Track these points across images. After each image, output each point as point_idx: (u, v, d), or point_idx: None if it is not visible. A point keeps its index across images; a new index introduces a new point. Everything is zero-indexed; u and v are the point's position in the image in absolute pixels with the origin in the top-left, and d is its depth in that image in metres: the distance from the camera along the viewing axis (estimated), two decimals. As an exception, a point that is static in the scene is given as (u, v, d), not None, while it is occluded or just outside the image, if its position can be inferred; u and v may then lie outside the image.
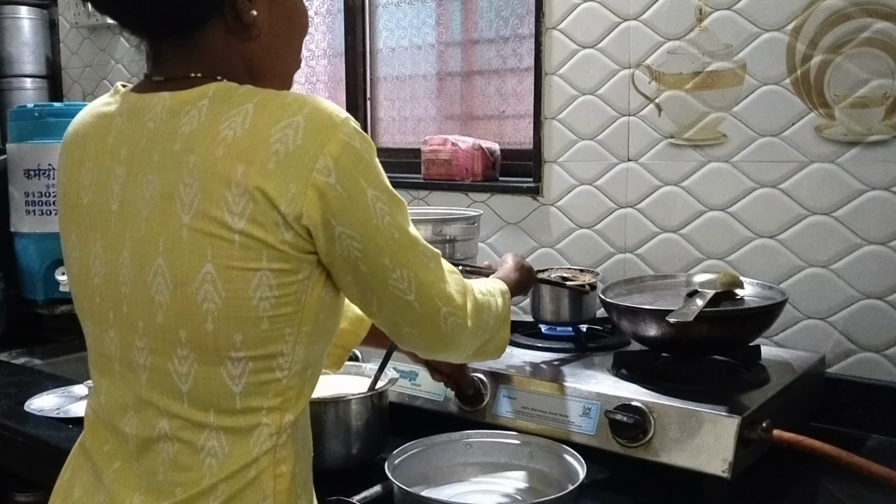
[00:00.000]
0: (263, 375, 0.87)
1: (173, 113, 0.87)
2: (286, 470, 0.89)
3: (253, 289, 0.84)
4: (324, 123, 0.84)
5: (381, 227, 0.87)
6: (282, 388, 0.88)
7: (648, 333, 1.30)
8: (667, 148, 1.66)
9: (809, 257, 1.52)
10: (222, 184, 0.82)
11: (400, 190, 1.55)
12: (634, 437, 1.17)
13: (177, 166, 0.85)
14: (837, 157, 1.48)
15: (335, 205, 0.84)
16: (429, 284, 0.92)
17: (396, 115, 2.29)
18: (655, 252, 1.69)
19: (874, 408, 1.44)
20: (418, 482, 1.17)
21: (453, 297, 0.95)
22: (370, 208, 0.86)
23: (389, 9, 2.26)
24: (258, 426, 0.87)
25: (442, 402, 1.36)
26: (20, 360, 2.03)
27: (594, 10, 1.72)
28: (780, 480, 1.27)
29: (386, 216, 0.87)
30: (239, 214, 0.82)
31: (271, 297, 0.85)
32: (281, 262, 0.84)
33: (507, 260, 1.31)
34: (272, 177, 0.82)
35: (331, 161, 0.83)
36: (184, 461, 0.87)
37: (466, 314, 0.97)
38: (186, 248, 0.84)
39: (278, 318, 0.86)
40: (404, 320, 0.93)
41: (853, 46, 1.44)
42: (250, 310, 0.84)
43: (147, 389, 0.89)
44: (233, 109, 0.85)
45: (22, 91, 2.96)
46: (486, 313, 1.03)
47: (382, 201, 0.87)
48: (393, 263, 0.89)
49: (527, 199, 1.85)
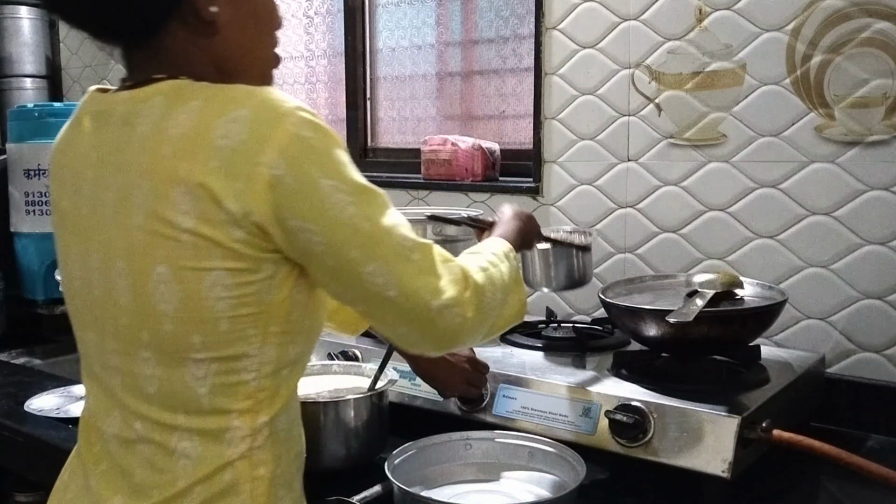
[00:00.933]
0: (230, 377, 0.85)
1: (131, 114, 0.87)
2: (265, 472, 0.88)
3: (207, 289, 0.82)
4: (269, 115, 0.81)
5: (341, 218, 0.82)
6: (252, 389, 0.86)
7: (648, 333, 1.30)
8: (667, 148, 1.66)
9: (809, 257, 1.52)
10: (169, 183, 0.81)
11: (400, 190, 1.55)
12: (634, 437, 1.17)
13: (131, 168, 0.85)
14: (837, 157, 1.47)
15: (285, 198, 0.80)
16: (411, 278, 0.85)
17: (396, 115, 2.29)
18: (655, 252, 1.69)
19: (874, 408, 1.44)
20: (418, 482, 1.17)
21: (446, 289, 0.88)
22: (326, 199, 0.81)
23: (389, 9, 2.26)
24: (229, 428, 0.86)
25: (442, 402, 1.36)
26: (20, 360, 2.03)
27: (594, 10, 1.72)
28: (780, 480, 1.27)
29: (348, 207, 0.82)
30: (187, 213, 0.81)
31: (228, 298, 0.83)
32: (235, 262, 0.82)
33: (505, 211, 1.22)
34: (216, 174, 0.80)
35: (276, 153, 0.80)
36: (159, 463, 0.87)
37: (466, 304, 0.90)
38: (140, 249, 0.84)
39: (239, 318, 0.84)
40: (395, 320, 0.88)
41: (853, 46, 1.44)
42: (206, 311, 0.83)
43: (122, 391, 0.89)
44: (182, 106, 0.83)
45: (22, 91, 2.96)
46: (491, 291, 0.95)
47: (343, 191, 0.82)
48: (364, 257, 0.84)
49: (527, 199, 1.85)
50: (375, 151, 2.30)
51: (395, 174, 2.13)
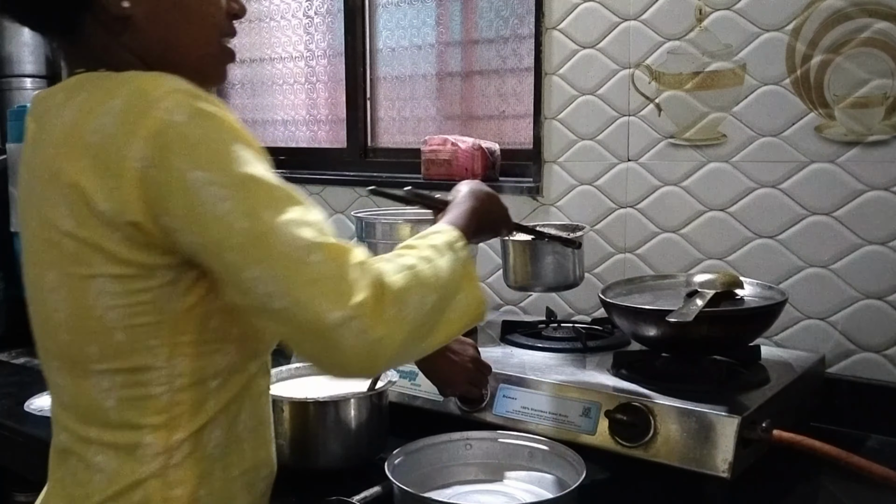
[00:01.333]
0: (136, 390, 0.79)
1: (43, 113, 0.84)
2: (182, 493, 0.82)
3: (94, 297, 0.76)
4: (139, 103, 0.73)
5: (213, 215, 0.72)
6: (164, 404, 0.80)
7: (648, 333, 1.30)
8: (667, 148, 1.66)
9: (809, 257, 1.52)
10: (51, 185, 0.77)
11: (400, 190, 1.50)
12: (634, 437, 1.17)
13: (33, 170, 0.82)
14: (837, 157, 1.47)
15: (154, 194, 0.72)
16: (303, 286, 0.72)
17: (396, 115, 2.29)
18: (655, 252, 1.69)
19: (874, 408, 1.44)
20: (418, 482, 1.17)
21: (347, 299, 0.72)
22: (195, 194, 0.71)
23: (389, 9, 2.26)
24: (140, 445, 0.80)
25: (442, 402, 1.36)
26: (20, 360, 2.03)
27: (594, 10, 1.72)
28: (780, 480, 1.26)
29: (223, 202, 0.72)
30: (67, 216, 0.76)
31: (120, 307, 0.76)
32: (121, 267, 0.75)
33: (460, 189, 1.05)
34: (88, 172, 0.74)
35: (143, 144, 0.72)
36: (80, 475, 0.83)
37: (372, 317, 0.73)
38: (35, 256, 0.81)
39: (136, 328, 0.77)
40: (291, 337, 0.75)
41: (853, 46, 1.44)
42: (96, 320, 0.77)
43: (53, 401, 0.87)
44: (72, 101, 0.79)
45: (22, 91, 2.95)
46: (419, 295, 0.79)
47: (219, 184, 0.72)
48: (243, 260, 0.72)
49: (527, 199, 1.85)
50: (375, 151, 2.30)
51: (395, 174, 2.13)
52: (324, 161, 2.37)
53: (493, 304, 1.91)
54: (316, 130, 2.49)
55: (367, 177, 2.14)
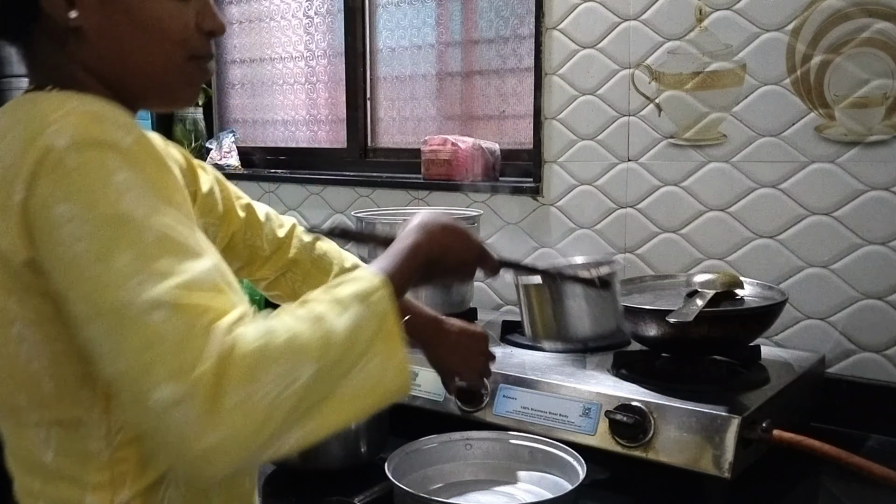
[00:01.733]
0: (74, 444, 0.72)
1: None
2: None
3: (15, 344, 0.70)
4: (32, 129, 0.65)
5: (67, 256, 0.62)
6: (104, 462, 0.72)
7: (648, 333, 1.30)
8: (667, 148, 1.66)
9: (809, 257, 1.52)
10: None
11: (400, 190, 1.46)
12: (634, 437, 1.17)
13: None
14: (837, 157, 1.47)
15: (32, 228, 0.64)
16: (133, 352, 0.59)
17: (396, 115, 2.29)
18: (655, 252, 1.69)
19: (874, 408, 1.44)
20: (418, 482, 1.17)
21: (187, 369, 0.58)
22: (55, 230, 0.62)
23: (389, 9, 2.26)
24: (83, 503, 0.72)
25: (442, 402, 1.36)
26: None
27: (594, 10, 1.72)
28: (780, 480, 1.27)
29: (78, 242, 0.61)
30: None
31: (43, 354, 0.69)
32: (36, 312, 0.68)
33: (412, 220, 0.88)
34: None
35: (26, 174, 0.63)
36: None
37: (204, 400, 0.58)
38: None
39: (64, 378, 0.70)
40: (130, 415, 0.66)
41: (853, 46, 1.44)
42: (20, 369, 0.70)
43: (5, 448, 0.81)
44: None
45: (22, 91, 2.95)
46: (278, 371, 0.62)
47: (81, 220, 0.61)
48: (87, 313, 0.61)
49: (527, 199, 1.85)
50: (375, 151, 2.30)
51: (395, 174, 2.13)
52: (324, 161, 2.37)
53: (492, 304, 1.91)
54: (316, 130, 2.49)
55: (367, 177, 2.14)
